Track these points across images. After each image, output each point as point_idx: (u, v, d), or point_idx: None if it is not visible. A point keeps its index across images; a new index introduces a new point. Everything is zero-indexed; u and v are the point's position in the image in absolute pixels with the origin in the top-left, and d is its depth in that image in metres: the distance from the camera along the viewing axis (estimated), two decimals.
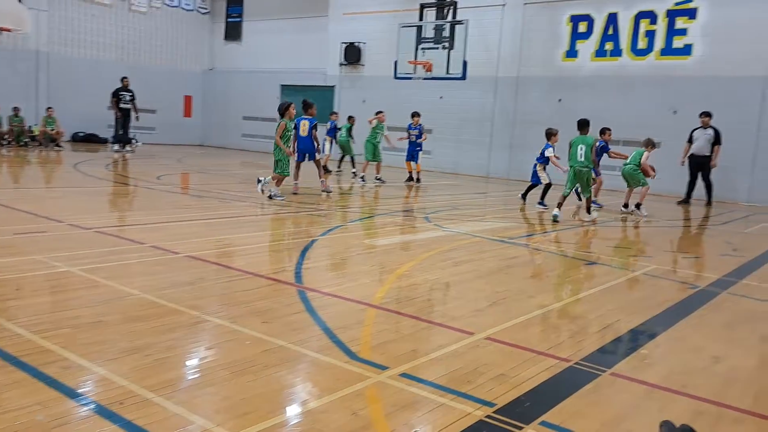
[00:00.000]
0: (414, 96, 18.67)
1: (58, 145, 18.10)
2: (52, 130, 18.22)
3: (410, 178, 14.24)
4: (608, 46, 15.80)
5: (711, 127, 12.82)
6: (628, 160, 10.90)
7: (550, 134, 10.80)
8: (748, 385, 3.43)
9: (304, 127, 10.65)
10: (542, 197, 10.84)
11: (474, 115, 18.11)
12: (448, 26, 15.65)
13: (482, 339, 3.83)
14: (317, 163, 10.95)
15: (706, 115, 12.99)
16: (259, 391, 2.92)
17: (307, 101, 10.83)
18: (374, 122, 13.93)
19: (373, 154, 13.84)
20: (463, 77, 15.54)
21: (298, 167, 10.88)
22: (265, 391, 2.94)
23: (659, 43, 15.05)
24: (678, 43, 14.79)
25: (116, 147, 18.33)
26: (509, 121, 17.50)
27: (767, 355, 3.96)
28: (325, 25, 21.25)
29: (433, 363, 3.40)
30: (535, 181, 11.13)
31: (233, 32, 24.44)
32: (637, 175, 10.71)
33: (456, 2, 16.22)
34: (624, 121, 15.58)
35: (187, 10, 24.20)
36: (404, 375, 3.19)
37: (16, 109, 17.96)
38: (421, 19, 16.49)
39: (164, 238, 6.36)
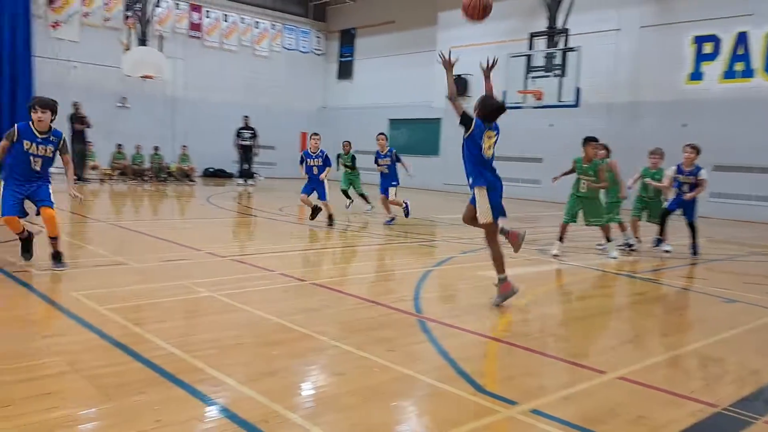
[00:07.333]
0: (521, 124, 18.35)
1: (191, 180, 19.71)
2: (187, 166, 19.94)
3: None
4: (738, 66, 14.85)
5: None
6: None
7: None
8: None
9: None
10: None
11: None
12: (559, 54, 15.40)
13: (615, 378, 3.67)
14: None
15: None
16: (387, 420, 2.97)
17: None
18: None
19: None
20: (576, 104, 15.16)
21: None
22: (393, 419, 2.99)
23: None
24: None
25: (240, 181, 19.67)
26: (625, 147, 16.78)
27: None
28: (433, 59, 21.56)
29: (563, 400, 3.29)
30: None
31: (345, 71, 25.49)
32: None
33: (568, 30, 15.96)
34: (757, 145, 14.51)
35: (304, 53, 25.58)
36: (535, 411, 3.11)
37: (156, 148, 19.87)
38: (530, 48, 16.36)
39: (289, 266, 6.68)
